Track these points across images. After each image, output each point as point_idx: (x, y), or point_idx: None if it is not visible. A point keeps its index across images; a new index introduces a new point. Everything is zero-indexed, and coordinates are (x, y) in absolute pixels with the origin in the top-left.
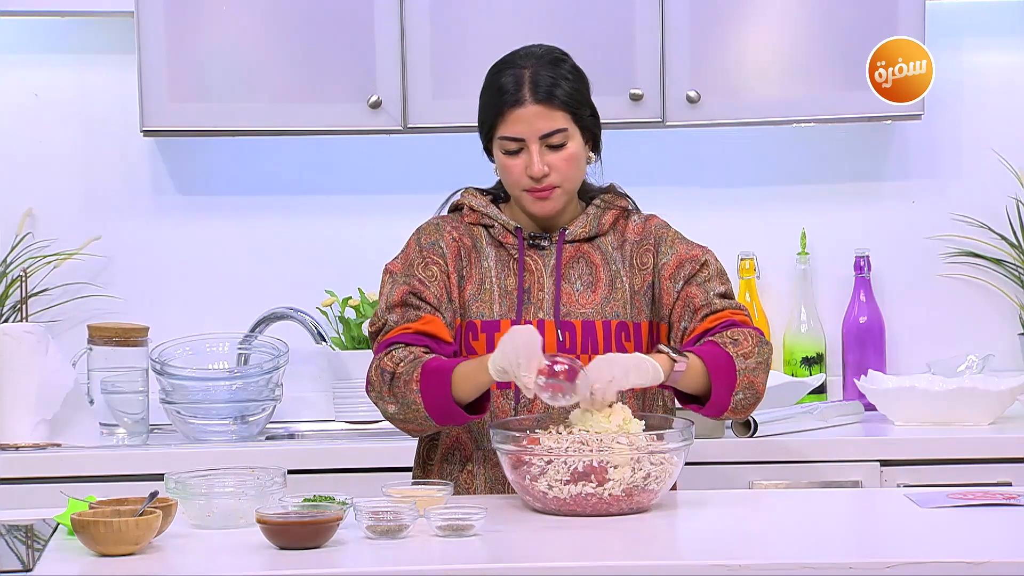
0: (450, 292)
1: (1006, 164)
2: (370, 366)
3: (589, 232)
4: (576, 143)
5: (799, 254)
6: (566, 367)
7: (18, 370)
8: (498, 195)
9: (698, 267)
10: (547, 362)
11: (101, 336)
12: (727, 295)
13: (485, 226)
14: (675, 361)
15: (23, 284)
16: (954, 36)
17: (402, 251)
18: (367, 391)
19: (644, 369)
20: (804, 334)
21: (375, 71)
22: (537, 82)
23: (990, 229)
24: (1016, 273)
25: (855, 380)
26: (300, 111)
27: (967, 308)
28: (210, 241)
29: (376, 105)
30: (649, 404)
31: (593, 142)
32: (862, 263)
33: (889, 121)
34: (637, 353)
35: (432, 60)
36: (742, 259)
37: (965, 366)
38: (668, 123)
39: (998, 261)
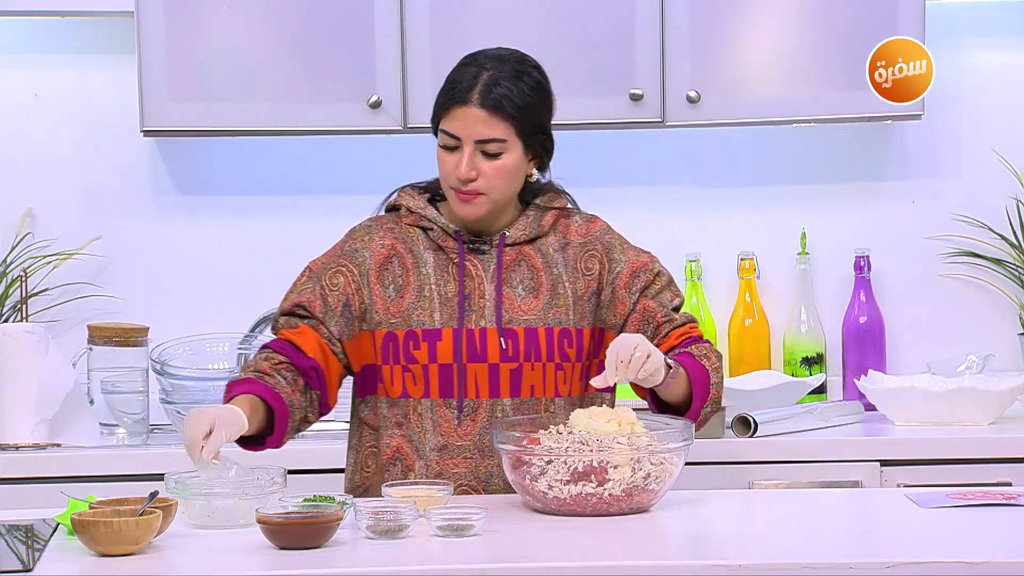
0: (351, 305)
1: (1006, 164)
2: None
3: (529, 235)
4: (514, 156)
5: (799, 254)
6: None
7: (18, 370)
8: (436, 192)
9: (652, 277)
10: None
11: (101, 336)
12: (680, 307)
13: (423, 228)
14: (669, 367)
15: (23, 284)
16: (954, 36)
17: (327, 250)
18: None
19: (658, 359)
20: (804, 334)
21: (375, 71)
22: (490, 88)
23: (990, 229)
24: (1016, 273)
25: (855, 380)
26: (300, 111)
27: (967, 308)
28: (210, 241)
29: (376, 105)
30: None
31: (540, 160)
32: (862, 263)
33: (889, 121)
34: None
35: (432, 60)
36: (742, 259)
37: (965, 366)
38: (668, 123)
39: (998, 261)
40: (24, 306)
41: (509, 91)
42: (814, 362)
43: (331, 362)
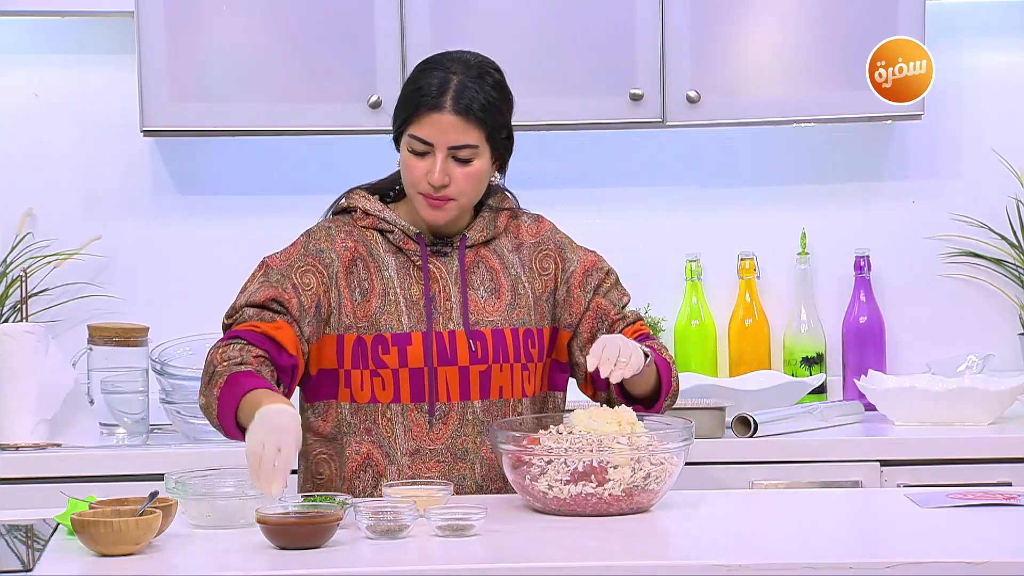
0: (320, 307)
1: (1006, 164)
2: (210, 351)
3: (486, 236)
4: (483, 161)
5: (799, 254)
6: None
7: (18, 370)
8: (386, 193)
9: (603, 275)
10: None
11: (101, 336)
12: (627, 304)
13: (381, 231)
14: (646, 356)
15: (23, 284)
16: (954, 36)
17: (285, 249)
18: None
19: (639, 355)
20: (804, 334)
21: (375, 71)
22: (461, 92)
23: (990, 229)
24: (1016, 273)
25: (855, 380)
26: (300, 111)
27: (967, 308)
28: (210, 241)
29: (376, 105)
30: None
31: (500, 163)
32: (862, 263)
33: (889, 121)
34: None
35: None
36: (742, 259)
37: (965, 366)
38: (668, 123)
39: (998, 261)
40: (24, 306)
41: (478, 95)
42: (814, 362)
43: (300, 364)
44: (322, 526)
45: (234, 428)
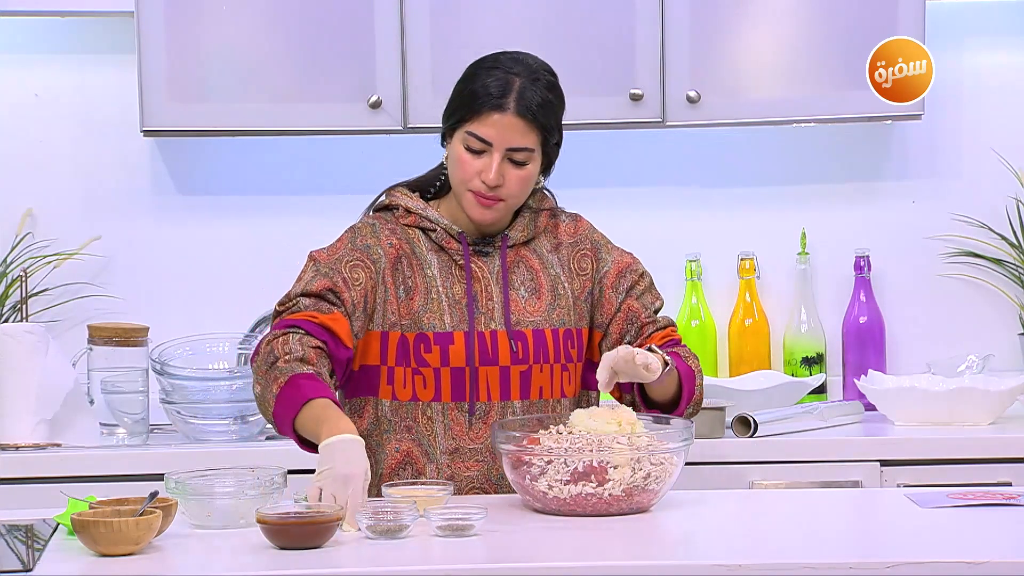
0: (367, 302)
1: (1006, 164)
2: (263, 338)
3: (527, 236)
4: (535, 165)
5: (799, 254)
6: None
7: (18, 370)
8: (426, 190)
9: (637, 277)
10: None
11: (101, 336)
12: (660, 309)
13: (423, 229)
14: (666, 364)
15: (23, 284)
16: (954, 36)
17: (332, 244)
18: (251, 360)
19: (654, 358)
20: (804, 334)
21: (375, 71)
22: (524, 95)
23: (990, 229)
24: (1016, 273)
25: (855, 380)
26: (300, 111)
27: (967, 308)
28: (210, 241)
29: (376, 105)
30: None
31: (546, 167)
32: (862, 263)
33: (889, 121)
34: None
35: (432, 60)
36: (742, 259)
37: (965, 366)
38: (668, 123)
39: (998, 261)
40: (24, 306)
41: (541, 100)
42: (814, 362)
43: (354, 357)
44: (322, 526)
45: (289, 429)
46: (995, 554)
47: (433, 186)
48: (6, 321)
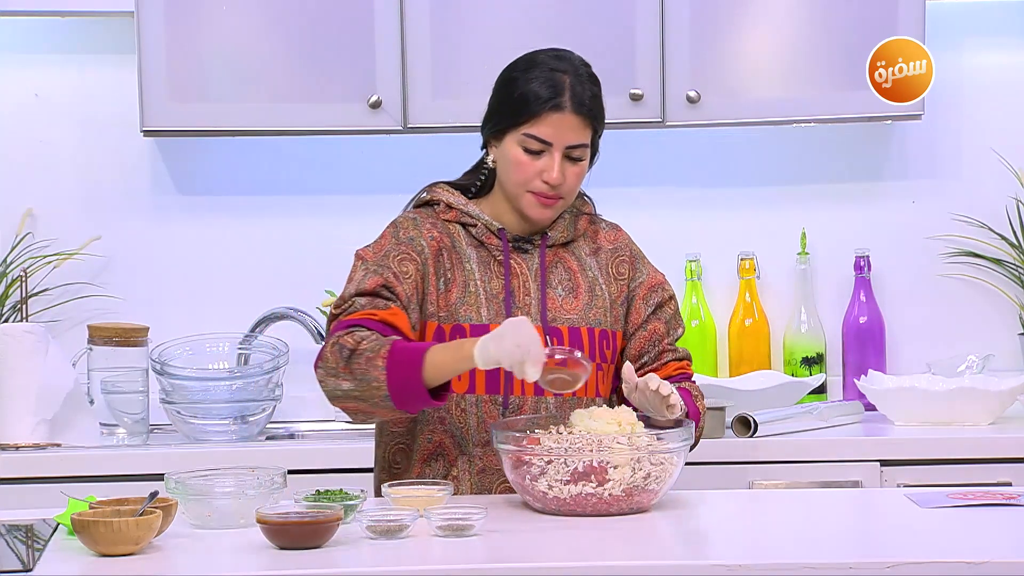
0: (419, 294)
1: (1006, 164)
2: (325, 343)
3: (567, 237)
4: (587, 160)
5: (799, 254)
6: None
7: (18, 370)
8: (467, 190)
9: (667, 298)
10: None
11: (101, 336)
12: (680, 337)
13: (464, 224)
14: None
15: (23, 284)
16: (954, 36)
17: (376, 241)
18: (315, 367)
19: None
20: (804, 334)
21: (375, 71)
22: (578, 93)
23: (990, 229)
24: (1016, 273)
25: (855, 380)
26: (300, 111)
27: (967, 308)
28: (210, 241)
29: (376, 105)
30: None
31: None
32: (862, 263)
33: (889, 121)
34: None
35: (432, 60)
36: (742, 259)
37: (965, 366)
38: (668, 123)
39: (998, 261)
40: (24, 306)
41: (593, 96)
42: (814, 362)
43: None
44: (322, 526)
45: (416, 391)
46: (995, 554)
47: (474, 186)
48: (6, 321)
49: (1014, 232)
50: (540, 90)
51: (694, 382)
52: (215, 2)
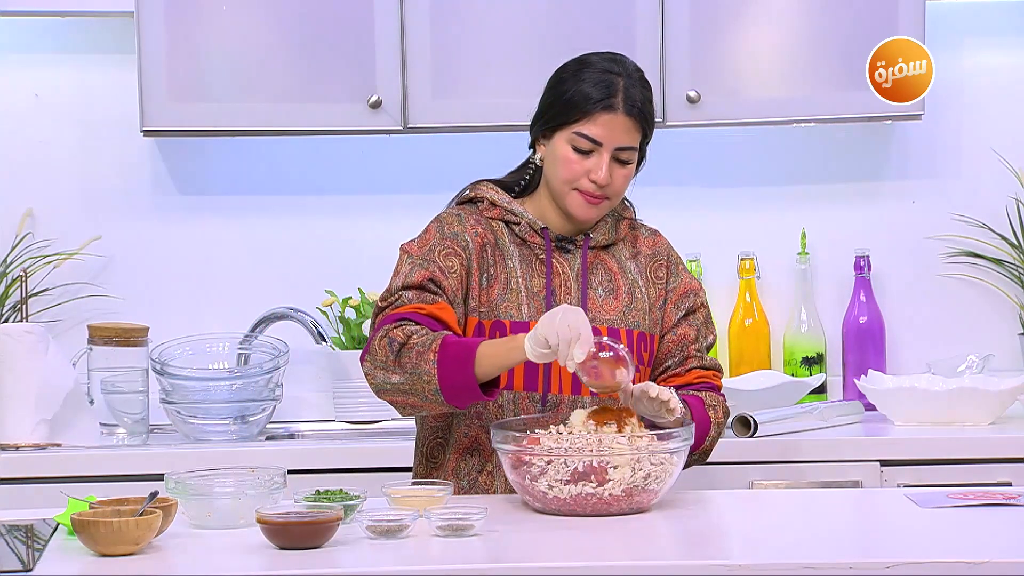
0: (463, 289)
1: (1006, 164)
2: (373, 337)
3: (608, 240)
4: (634, 163)
5: (799, 254)
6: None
7: (18, 370)
8: (511, 188)
9: (699, 305)
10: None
11: (101, 336)
12: (711, 346)
13: (507, 222)
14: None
15: (23, 284)
16: (954, 36)
17: (420, 235)
18: (362, 360)
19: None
20: (804, 334)
21: (375, 71)
22: (631, 95)
23: (990, 229)
24: (1016, 273)
25: (855, 380)
26: (300, 111)
27: (967, 308)
28: (210, 241)
29: (376, 105)
30: None
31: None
32: (862, 263)
33: (889, 121)
34: None
35: (432, 60)
36: (742, 259)
37: (965, 366)
38: (668, 123)
39: (998, 261)
40: (24, 306)
41: (644, 100)
42: (814, 362)
43: None
44: (322, 526)
45: (468, 385)
46: (995, 554)
47: (519, 184)
48: (6, 321)
49: (1014, 232)
50: (593, 90)
51: (721, 394)
52: (215, 2)
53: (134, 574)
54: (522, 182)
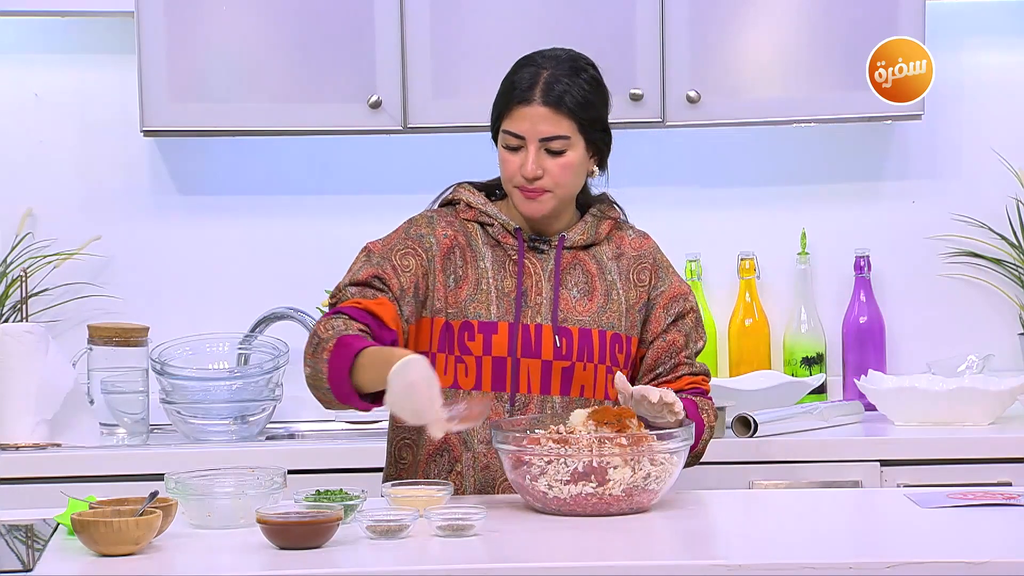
0: (418, 288)
1: (1006, 164)
2: (314, 327)
3: (586, 240)
4: (577, 153)
5: (799, 254)
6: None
7: (18, 370)
8: (493, 191)
9: (688, 309)
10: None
11: (101, 336)
12: (701, 351)
13: (482, 224)
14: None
15: (23, 284)
16: (954, 36)
17: (387, 235)
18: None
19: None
20: (804, 334)
21: (375, 71)
22: (551, 85)
23: (990, 229)
24: (1016, 273)
25: (855, 380)
26: (300, 111)
27: (967, 308)
28: (210, 241)
29: (376, 105)
30: None
31: (599, 157)
32: (862, 263)
33: (889, 121)
34: None
35: (432, 60)
36: (742, 259)
37: (965, 366)
38: (668, 123)
39: (998, 261)
40: (24, 306)
41: (569, 87)
42: (814, 362)
43: (400, 340)
44: (322, 526)
45: (347, 391)
46: (995, 554)
47: (500, 187)
48: (6, 321)
49: (1014, 232)
50: (513, 85)
51: (710, 398)
52: (215, 2)
53: (134, 574)
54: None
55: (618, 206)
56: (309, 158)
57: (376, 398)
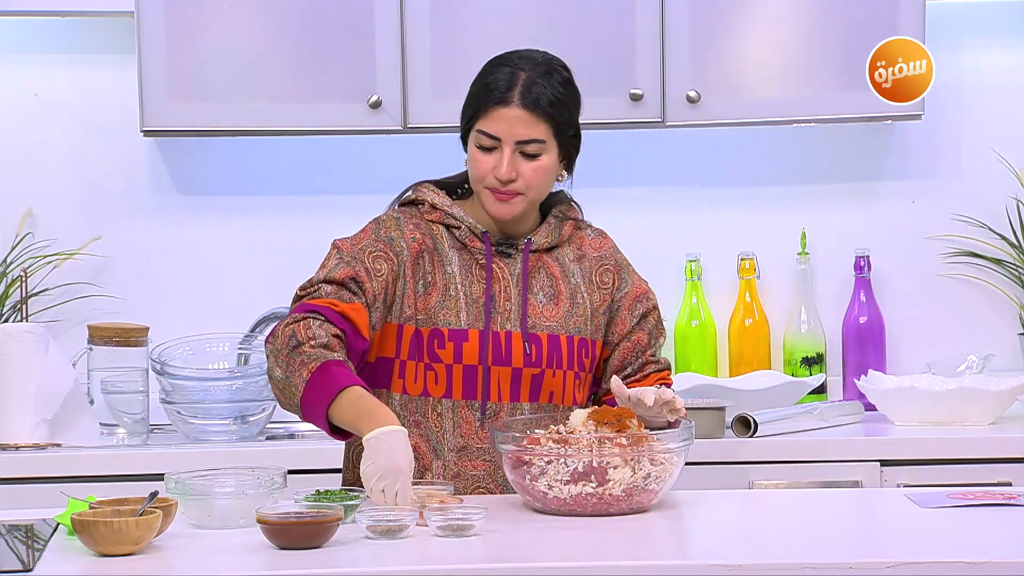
0: (387, 294)
1: (1006, 164)
2: (282, 321)
3: (551, 243)
4: (551, 157)
5: (799, 254)
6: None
7: (18, 370)
8: (453, 190)
9: (651, 308)
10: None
11: (101, 336)
12: (661, 346)
13: (447, 226)
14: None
15: (23, 284)
16: (954, 36)
17: (356, 233)
18: (266, 341)
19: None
20: (804, 334)
21: (375, 71)
22: (529, 87)
23: (990, 229)
24: (1016, 273)
25: (855, 380)
26: (300, 111)
27: (967, 308)
28: (210, 241)
29: (376, 105)
30: None
31: (568, 161)
32: (862, 263)
33: (889, 121)
34: None
35: (432, 60)
36: (742, 259)
37: (965, 366)
38: (668, 123)
39: (998, 261)
40: (24, 306)
41: (546, 90)
42: (814, 362)
43: (370, 349)
44: (322, 526)
45: (320, 417)
46: (995, 554)
47: (461, 187)
48: (6, 321)
49: (1014, 232)
50: (489, 86)
51: (673, 391)
52: (215, 2)
53: (134, 574)
54: (466, 184)
55: (576, 204)
56: (309, 158)
57: (343, 432)
